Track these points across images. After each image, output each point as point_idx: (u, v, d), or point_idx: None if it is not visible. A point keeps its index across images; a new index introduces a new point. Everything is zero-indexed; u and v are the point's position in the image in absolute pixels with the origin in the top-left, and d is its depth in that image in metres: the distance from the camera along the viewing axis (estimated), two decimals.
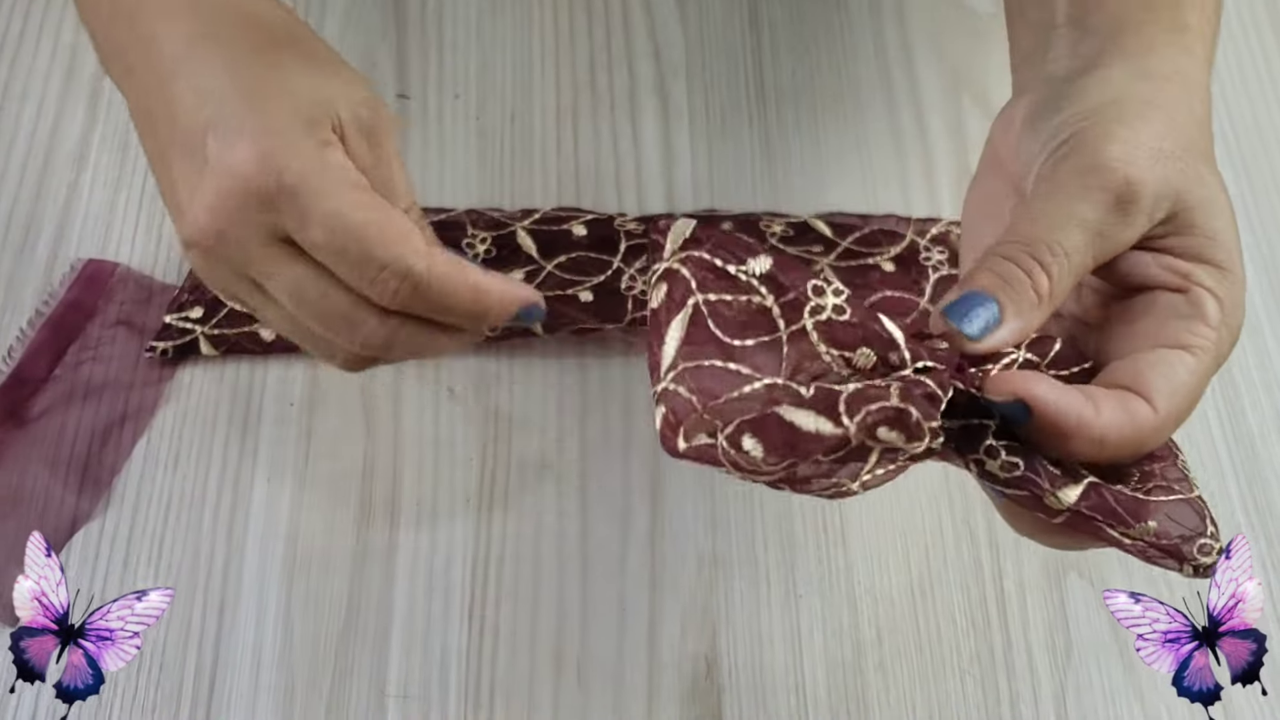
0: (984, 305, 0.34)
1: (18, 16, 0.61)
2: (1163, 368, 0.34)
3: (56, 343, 0.52)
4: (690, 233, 0.33)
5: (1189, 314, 0.35)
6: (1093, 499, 0.32)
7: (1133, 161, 0.35)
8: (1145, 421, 0.33)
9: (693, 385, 0.31)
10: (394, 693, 0.47)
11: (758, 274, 0.33)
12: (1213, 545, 0.33)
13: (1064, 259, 0.35)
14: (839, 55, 0.63)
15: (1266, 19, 0.65)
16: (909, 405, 0.30)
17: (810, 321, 0.33)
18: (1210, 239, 0.36)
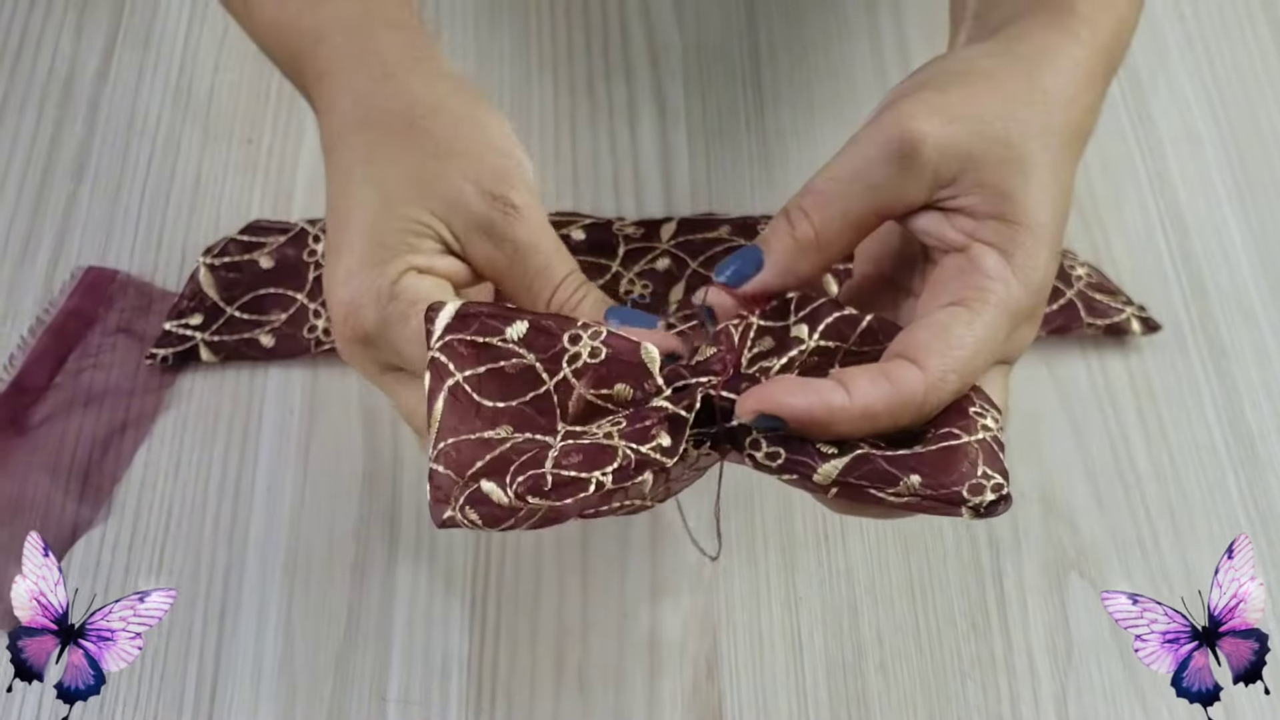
0: (746, 256, 0.37)
1: (16, 27, 0.62)
2: (935, 328, 0.35)
3: (57, 350, 0.53)
4: (453, 317, 0.36)
5: (966, 269, 0.36)
6: (861, 468, 0.34)
7: (921, 119, 0.36)
8: (913, 385, 0.34)
9: (450, 459, 0.34)
10: (395, 698, 0.47)
11: (516, 338, 0.36)
12: (984, 484, 0.33)
13: (833, 209, 0.36)
14: (835, 58, 0.63)
15: (1263, 15, 0.65)
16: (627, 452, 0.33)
17: (569, 370, 0.35)
18: (1002, 196, 0.36)
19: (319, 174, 0.58)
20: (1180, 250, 0.58)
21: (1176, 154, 0.61)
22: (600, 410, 0.36)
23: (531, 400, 0.36)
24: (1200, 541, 0.51)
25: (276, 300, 0.53)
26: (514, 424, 0.35)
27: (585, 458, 0.33)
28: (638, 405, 0.35)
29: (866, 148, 0.37)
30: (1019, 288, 0.36)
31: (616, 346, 0.36)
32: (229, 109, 0.60)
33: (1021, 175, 0.36)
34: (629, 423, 0.34)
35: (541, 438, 0.35)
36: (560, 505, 0.33)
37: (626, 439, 0.34)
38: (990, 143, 0.36)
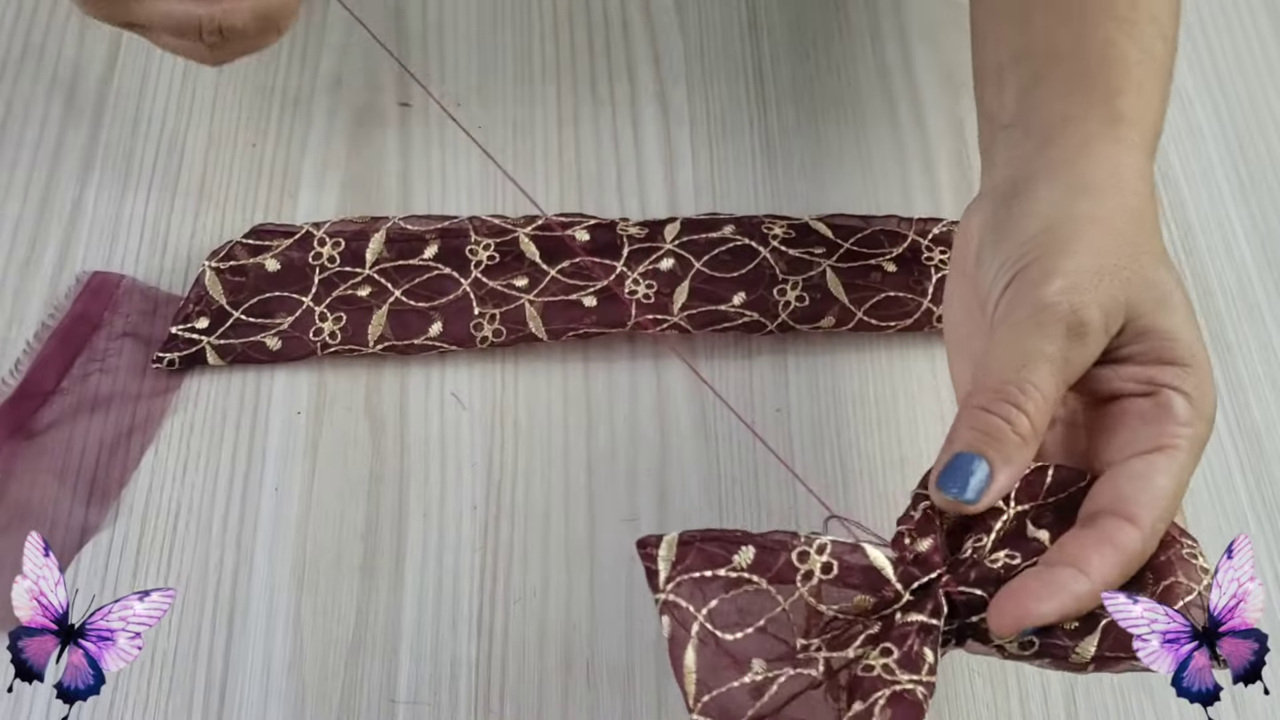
0: (974, 465, 0.36)
1: (20, 32, 0.62)
2: (1140, 481, 0.36)
3: (63, 355, 0.53)
4: (675, 548, 0.35)
5: (1159, 417, 0.37)
6: (1112, 638, 0.34)
7: (1076, 290, 0.37)
8: (1134, 544, 0.35)
9: (719, 714, 0.34)
10: (404, 699, 0.47)
11: (745, 565, 0.35)
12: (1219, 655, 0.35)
13: (1036, 394, 0.36)
14: (838, 57, 0.63)
15: (1264, 9, 0.65)
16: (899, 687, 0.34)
17: (804, 589, 0.35)
18: (1168, 339, 0.37)
19: (322, 177, 0.58)
20: (1184, 246, 0.58)
21: (1179, 150, 0.61)
22: (843, 622, 0.36)
23: (767, 623, 0.35)
24: (1206, 537, 0.50)
25: (282, 303, 0.54)
26: (764, 657, 0.35)
27: (896, 714, 0.33)
28: (878, 610, 0.35)
29: (1037, 328, 0.37)
30: (1203, 424, 0.37)
31: (846, 558, 0.36)
32: (233, 113, 0.60)
33: (1172, 313, 0.38)
34: (897, 649, 0.34)
35: (804, 672, 0.34)
36: None
37: (904, 669, 0.34)
38: (1137, 289, 0.37)
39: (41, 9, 0.63)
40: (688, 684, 0.34)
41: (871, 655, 0.34)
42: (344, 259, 0.55)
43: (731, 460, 0.52)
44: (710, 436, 0.53)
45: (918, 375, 0.54)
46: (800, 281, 0.54)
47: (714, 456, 0.52)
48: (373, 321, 0.53)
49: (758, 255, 0.55)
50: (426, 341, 0.53)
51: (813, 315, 0.54)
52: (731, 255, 0.55)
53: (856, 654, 0.35)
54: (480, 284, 0.54)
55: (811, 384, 0.54)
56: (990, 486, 0.36)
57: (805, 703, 0.34)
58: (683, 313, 0.53)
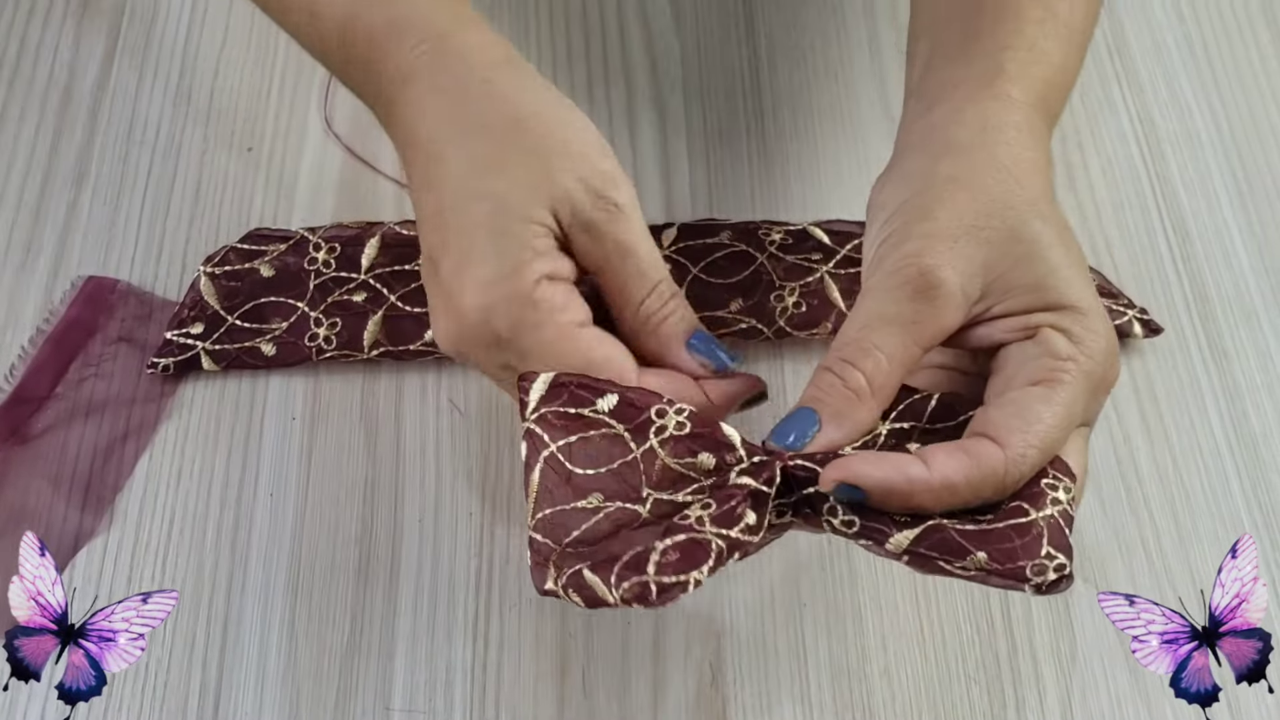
0: (801, 418, 0.38)
1: (15, 35, 0.62)
2: (1014, 406, 0.36)
3: (58, 360, 0.53)
4: (547, 388, 0.39)
5: (1037, 354, 0.37)
6: (931, 538, 0.35)
7: (926, 252, 0.38)
8: (994, 461, 0.35)
9: (548, 527, 0.37)
10: (399, 706, 0.47)
11: (606, 410, 0.39)
12: (1046, 564, 0.34)
13: (876, 354, 0.38)
14: (835, 62, 0.63)
15: (1262, 16, 0.65)
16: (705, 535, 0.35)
17: (655, 440, 0.38)
18: (1039, 289, 0.38)
19: (319, 182, 0.58)
20: (1181, 253, 0.58)
21: (1177, 156, 0.61)
22: (684, 478, 0.38)
23: (619, 468, 0.38)
24: (1204, 543, 0.51)
25: (277, 309, 0.53)
26: (604, 492, 0.37)
27: (683, 556, 0.34)
28: (719, 473, 0.37)
29: (888, 293, 0.38)
30: (1088, 361, 0.37)
31: (699, 422, 0.38)
32: (229, 117, 0.60)
33: (1042, 262, 0.38)
34: (717, 504, 0.36)
35: (631, 506, 0.37)
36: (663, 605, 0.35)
37: (716, 524, 0.35)
38: (999, 245, 0.38)
39: (37, 12, 0.63)
40: (529, 505, 0.37)
41: (694, 507, 0.36)
42: (339, 264, 0.54)
43: None
44: None
45: None
46: (798, 288, 0.54)
47: None
48: (368, 327, 0.53)
49: (755, 261, 0.55)
50: (422, 347, 0.53)
51: (810, 321, 0.53)
52: (728, 261, 0.55)
53: (684, 500, 0.37)
54: None
55: None
56: (817, 439, 0.38)
57: (625, 538, 0.36)
58: None
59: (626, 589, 0.34)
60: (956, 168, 0.39)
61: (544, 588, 0.35)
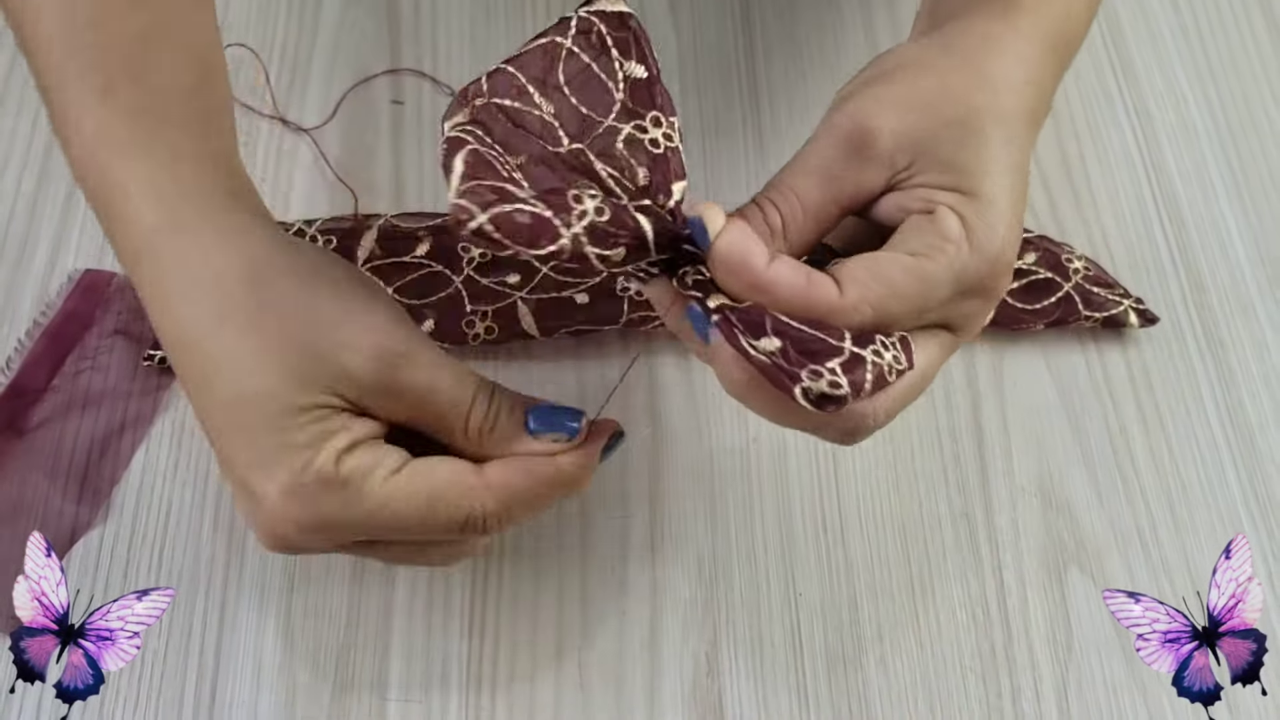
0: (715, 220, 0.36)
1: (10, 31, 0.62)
2: (871, 263, 0.36)
3: (54, 353, 0.53)
4: (614, 11, 0.37)
5: (924, 228, 0.37)
6: (747, 311, 0.34)
7: (871, 113, 0.37)
8: (823, 294, 0.35)
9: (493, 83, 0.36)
10: (395, 698, 0.47)
11: (628, 75, 0.37)
12: (823, 375, 0.33)
13: (793, 199, 0.37)
14: (831, 54, 0.63)
15: (1258, 6, 0.65)
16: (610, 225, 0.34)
17: (628, 129, 0.37)
18: (959, 171, 0.37)
19: (315, 177, 0.58)
20: (1177, 243, 0.58)
21: (1173, 146, 0.61)
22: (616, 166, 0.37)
23: (584, 116, 0.36)
24: (1200, 534, 0.51)
25: None
26: (558, 111, 0.36)
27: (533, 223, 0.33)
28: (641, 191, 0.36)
29: (823, 143, 0.38)
30: (971, 254, 0.36)
31: (674, 160, 0.37)
32: None
33: (976, 151, 0.37)
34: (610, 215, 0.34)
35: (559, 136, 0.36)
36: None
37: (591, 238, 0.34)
38: (943, 124, 0.37)
39: None
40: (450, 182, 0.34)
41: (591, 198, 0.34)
42: None
43: (724, 458, 0.52)
44: (702, 434, 0.52)
45: None
46: None
47: (706, 454, 0.52)
48: None
49: None
50: None
51: None
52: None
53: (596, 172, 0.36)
54: (473, 281, 0.54)
55: None
56: (718, 236, 0.36)
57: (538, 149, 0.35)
58: None
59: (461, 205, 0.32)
60: (938, 60, 0.39)
61: (442, 123, 0.35)
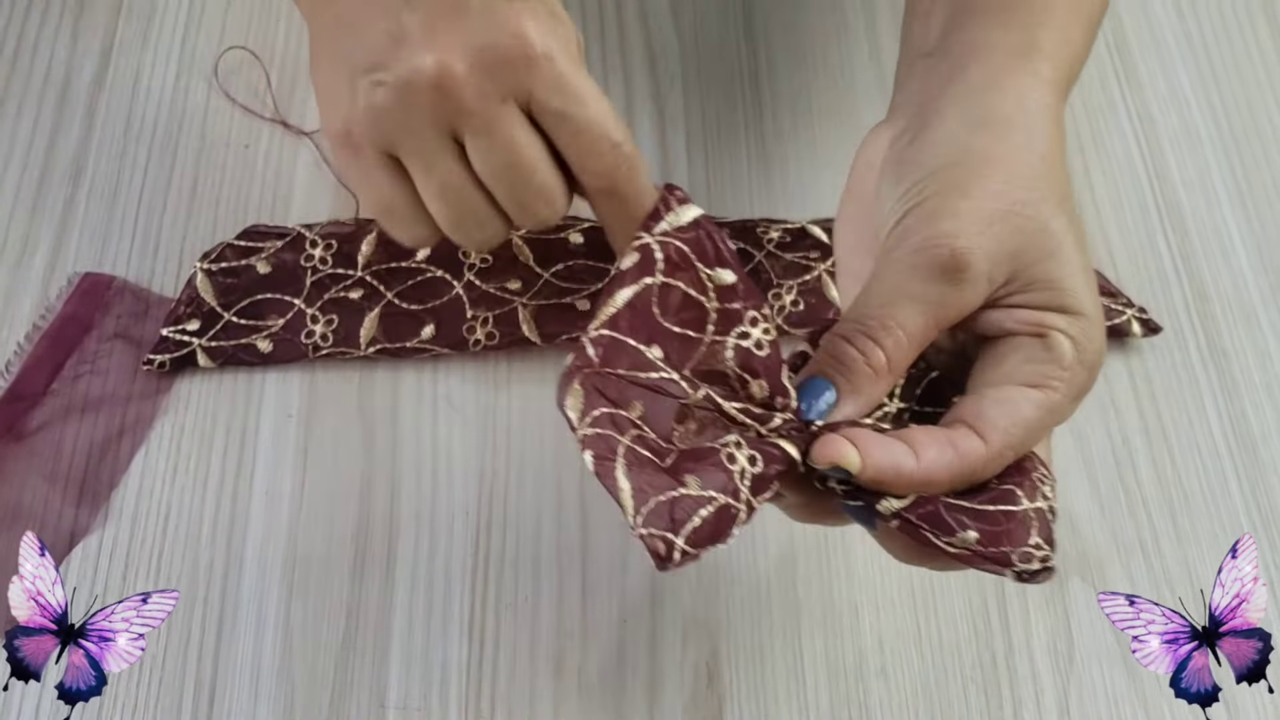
0: (823, 390, 0.37)
1: (12, 34, 0.62)
2: (1006, 405, 0.37)
3: (54, 356, 0.52)
4: (690, 221, 0.37)
5: (1044, 358, 0.37)
6: (923, 508, 0.35)
7: (961, 234, 0.37)
8: (974, 455, 0.36)
9: (602, 348, 0.36)
10: (394, 704, 0.47)
11: (719, 283, 0.37)
12: (1033, 554, 0.35)
13: (899, 333, 0.37)
14: (834, 60, 0.63)
15: (1262, 13, 0.65)
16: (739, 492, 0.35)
17: (733, 340, 0.37)
18: (1058, 289, 0.38)
19: (316, 179, 0.58)
20: (1180, 251, 0.58)
21: (1176, 154, 0.61)
22: (731, 388, 0.37)
23: (689, 336, 0.37)
24: (1202, 544, 0.51)
25: (274, 305, 0.53)
26: (664, 349, 0.36)
27: (714, 524, 0.34)
28: (762, 410, 0.37)
29: (915, 270, 0.37)
30: (1082, 371, 0.37)
31: (774, 350, 0.38)
32: (226, 115, 0.60)
33: (1065, 262, 0.38)
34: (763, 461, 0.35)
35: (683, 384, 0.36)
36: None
37: (752, 485, 0.35)
38: (1030, 235, 0.38)
39: (34, 8, 0.62)
40: (605, 310, 0.36)
41: (739, 447, 0.35)
42: (336, 261, 0.54)
43: None
44: None
45: None
46: (795, 286, 0.54)
47: None
48: (365, 324, 0.53)
49: (753, 259, 0.55)
50: (419, 344, 0.53)
51: (808, 320, 0.53)
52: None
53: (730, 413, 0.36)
54: (473, 287, 0.54)
55: None
56: (834, 412, 0.37)
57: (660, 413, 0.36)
58: None
59: (652, 536, 0.33)
60: (995, 145, 0.39)
61: (562, 401, 0.34)
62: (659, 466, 0.34)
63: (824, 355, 0.38)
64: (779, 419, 0.37)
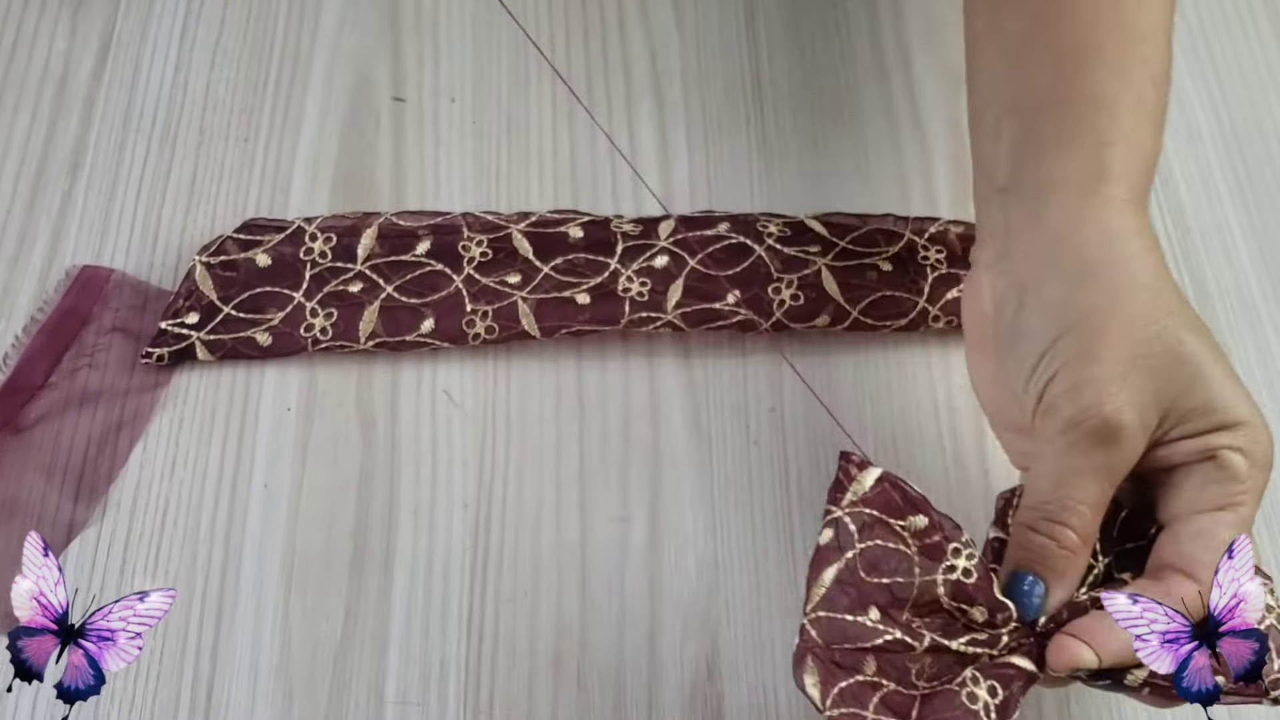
0: (1030, 586, 0.39)
1: (10, 25, 0.61)
2: (1203, 538, 0.38)
3: (52, 349, 0.52)
4: (873, 484, 0.38)
5: (1220, 478, 0.38)
6: (1164, 675, 0.36)
7: (1104, 400, 0.38)
8: (1194, 600, 0.36)
9: (823, 630, 0.37)
10: (393, 699, 0.47)
11: (914, 529, 0.38)
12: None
13: (1080, 508, 0.38)
14: (836, 56, 0.62)
15: (1264, 12, 0.65)
16: None
17: (941, 576, 0.38)
18: (1212, 409, 0.38)
19: (315, 172, 0.58)
20: (1182, 248, 0.58)
21: (1178, 152, 0.61)
22: (951, 620, 0.38)
23: (893, 585, 0.38)
24: None
25: (273, 299, 0.53)
26: (878, 604, 0.37)
27: None
28: (987, 630, 0.38)
29: (1074, 446, 0.38)
30: (1260, 475, 0.38)
31: (983, 573, 0.38)
32: (225, 107, 0.59)
33: (1208, 381, 0.38)
34: (1000, 687, 0.37)
35: (908, 640, 0.37)
36: None
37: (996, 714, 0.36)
38: (1167, 371, 0.38)
39: (33, 1, 0.62)
40: (815, 592, 0.37)
41: (977, 684, 0.37)
42: (336, 254, 0.54)
43: (725, 461, 0.52)
44: (703, 436, 0.52)
45: (912, 374, 0.54)
46: (795, 280, 0.54)
47: (706, 456, 0.52)
48: (364, 318, 0.53)
49: (753, 253, 0.55)
50: (418, 338, 0.52)
51: (808, 314, 0.53)
52: (726, 253, 0.55)
53: (958, 651, 0.38)
54: (473, 280, 0.54)
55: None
56: (1047, 602, 0.39)
57: (894, 661, 0.37)
58: (677, 311, 0.53)
59: None
60: (1100, 295, 0.39)
61: (801, 680, 0.36)
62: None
63: (1017, 550, 0.39)
64: (1005, 635, 0.38)
